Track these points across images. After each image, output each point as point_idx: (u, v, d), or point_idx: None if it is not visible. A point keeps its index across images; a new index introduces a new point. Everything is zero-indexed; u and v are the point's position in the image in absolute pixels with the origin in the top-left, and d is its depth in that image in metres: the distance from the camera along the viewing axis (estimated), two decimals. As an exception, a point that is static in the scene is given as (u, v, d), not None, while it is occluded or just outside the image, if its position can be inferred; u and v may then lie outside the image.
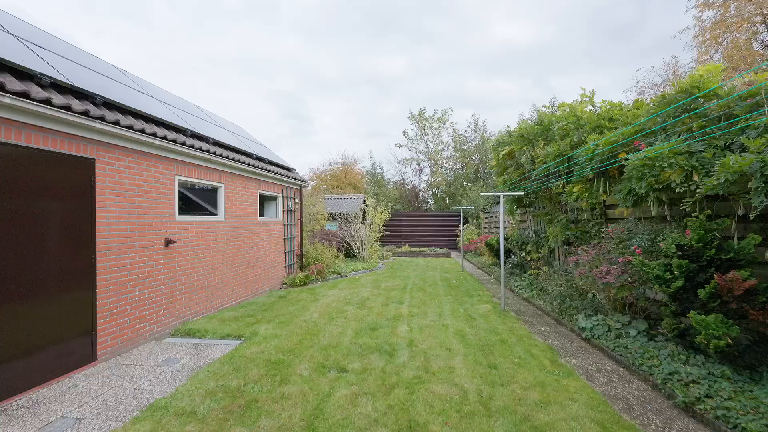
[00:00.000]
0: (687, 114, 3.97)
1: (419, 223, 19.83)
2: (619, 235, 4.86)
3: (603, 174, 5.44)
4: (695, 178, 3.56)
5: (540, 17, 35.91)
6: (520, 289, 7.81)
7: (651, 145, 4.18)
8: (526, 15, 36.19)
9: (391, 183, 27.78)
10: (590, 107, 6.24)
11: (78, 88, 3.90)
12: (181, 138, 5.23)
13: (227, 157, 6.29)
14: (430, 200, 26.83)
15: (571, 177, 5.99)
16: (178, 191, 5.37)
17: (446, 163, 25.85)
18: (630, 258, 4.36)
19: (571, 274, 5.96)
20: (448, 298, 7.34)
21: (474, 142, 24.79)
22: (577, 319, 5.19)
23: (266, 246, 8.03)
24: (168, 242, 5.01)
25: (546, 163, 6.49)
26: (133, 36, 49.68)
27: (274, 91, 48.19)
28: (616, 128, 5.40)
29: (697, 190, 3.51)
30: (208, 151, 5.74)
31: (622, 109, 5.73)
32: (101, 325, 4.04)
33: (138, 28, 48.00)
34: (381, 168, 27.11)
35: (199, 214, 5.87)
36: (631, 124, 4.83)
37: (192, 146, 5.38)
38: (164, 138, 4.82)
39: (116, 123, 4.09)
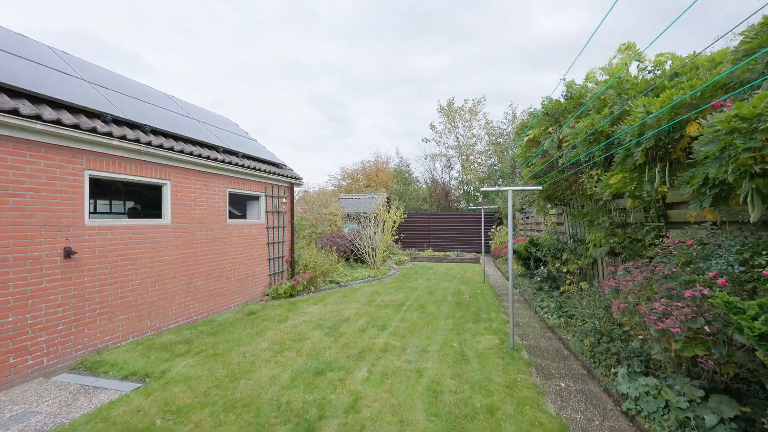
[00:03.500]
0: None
1: (446, 224, 18.04)
2: (685, 250, 3.06)
3: (660, 157, 3.63)
4: None
5: (588, 3, 31.94)
6: (546, 311, 6.02)
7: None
8: (574, 2, 32.34)
9: (421, 180, 26.12)
10: (637, 63, 4.35)
11: None
12: (90, 123, 4.25)
13: (171, 149, 5.28)
14: (462, 200, 24.74)
15: (612, 158, 4.21)
16: (93, 190, 4.44)
17: (479, 158, 23.60)
18: (705, 290, 2.60)
19: (610, 300, 4.17)
20: (448, 323, 5.77)
21: (511, 135, 22.33)
22: (615, 374, 3.45)
23: (240, 252, 7.00)
24: (69, 252, 4.06)
25: (575, 146, 4.72)
26: (185, 49, 52.91)
27: (317, 96, 48.62)
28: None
29: None
30: (137, 141, 4.75)
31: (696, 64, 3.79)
32: (-57, 362, 3.13)
33: (188, 41, 50.89)
34: (407, 165, 25.54)
35: (130, 217, 4.92)
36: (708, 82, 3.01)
37: (109, 134, 4.40)
38: (56, 123, 3.86)
39: (-38, 101, 3.17)
